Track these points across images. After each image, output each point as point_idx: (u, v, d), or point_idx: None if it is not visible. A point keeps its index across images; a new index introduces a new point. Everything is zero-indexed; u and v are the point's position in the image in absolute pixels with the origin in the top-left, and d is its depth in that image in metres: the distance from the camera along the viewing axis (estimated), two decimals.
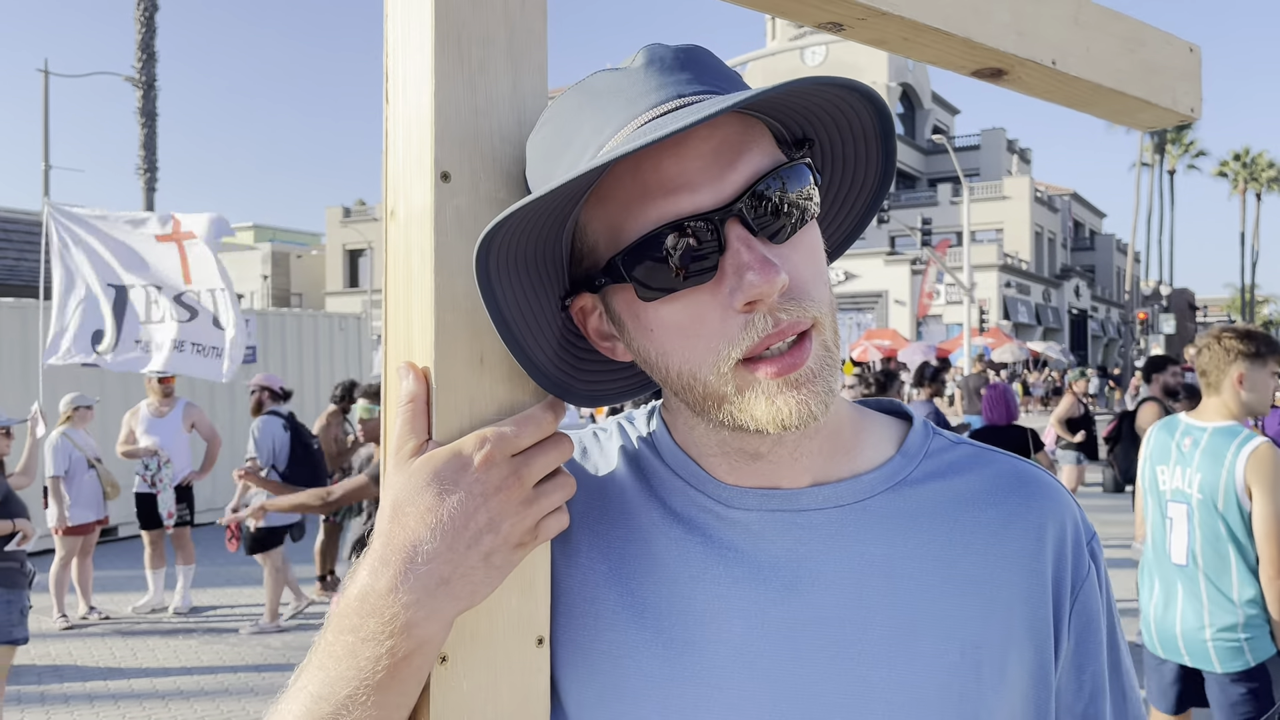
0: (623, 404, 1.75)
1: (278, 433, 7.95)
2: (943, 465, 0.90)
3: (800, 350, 0.75)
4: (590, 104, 0.76)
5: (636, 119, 0.74)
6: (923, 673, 0.80)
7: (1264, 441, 3.51)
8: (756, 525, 0.85)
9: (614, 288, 0.80)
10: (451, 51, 0.80)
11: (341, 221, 54.41)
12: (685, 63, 0.77)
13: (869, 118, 0.82)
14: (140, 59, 24.81)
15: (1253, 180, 71.78)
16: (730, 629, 0.82)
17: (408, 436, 0.78)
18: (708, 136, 0.74)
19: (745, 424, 0.77)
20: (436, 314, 0.80)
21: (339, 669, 0.75)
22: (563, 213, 0.78)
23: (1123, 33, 1.08)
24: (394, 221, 0.85)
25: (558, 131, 0.77)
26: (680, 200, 0.74)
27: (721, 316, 0.74)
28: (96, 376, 11.38)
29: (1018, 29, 0.98)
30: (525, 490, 0.77)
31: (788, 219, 0.76)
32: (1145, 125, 1.18)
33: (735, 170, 0.74)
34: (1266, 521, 3.41)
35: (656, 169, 0.74)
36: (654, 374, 0.83)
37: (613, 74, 0.77)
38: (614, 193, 0.76)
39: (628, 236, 0.76)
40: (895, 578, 0.83)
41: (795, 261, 0.76)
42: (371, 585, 0.74)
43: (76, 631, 7.95)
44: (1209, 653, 3.61)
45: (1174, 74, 1.13)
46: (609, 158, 0.67)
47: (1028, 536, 0.86)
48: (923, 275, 38.95)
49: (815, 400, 0.75)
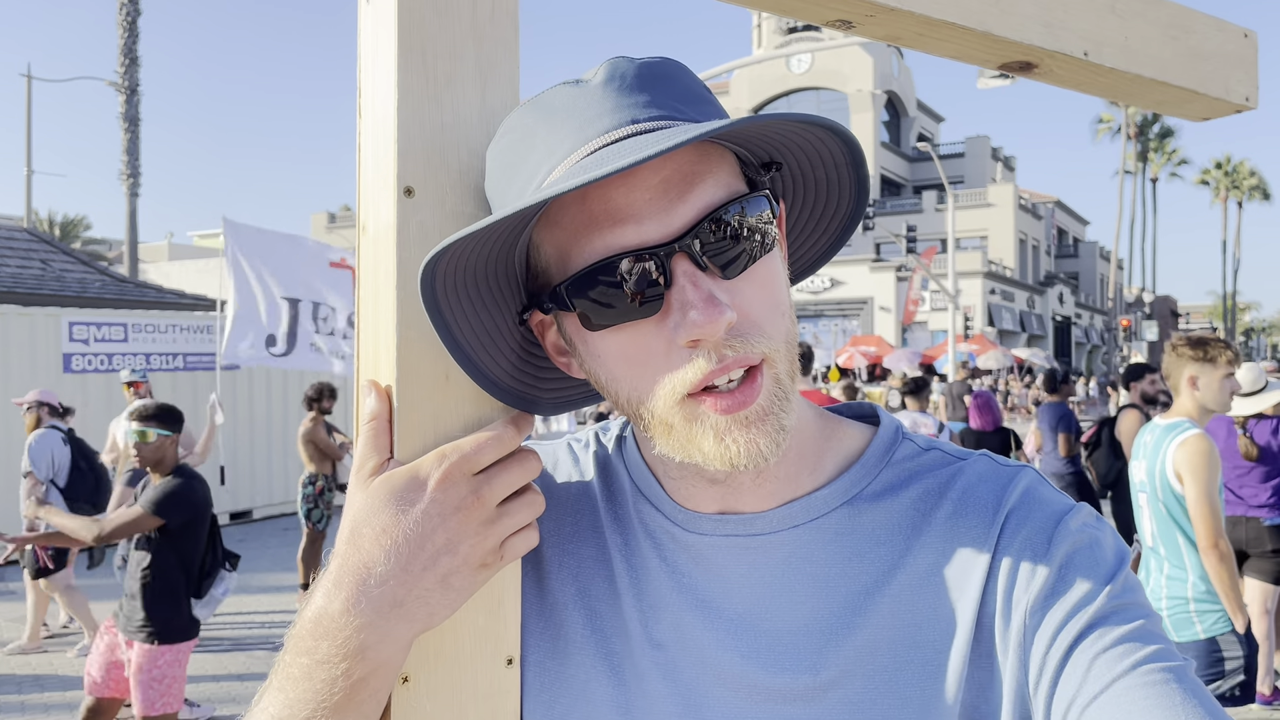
0: None
1: (57, 447, 7.76)
2: (905, 474, 0.86)
3: (750, 387, 0.73)
4: (545, 122, 0.74)
5: (588, 143, 0.72)
6: (883, 688, 0.79)
7: (1194, 433, 3.92)
8: (709, 551, 0.84)
9: (563, 313, 0.78)
10: (416, 65, 0.80)
11: (326, 227, 54.25)
12: (647, 82, 0.75)
13: (837, 147, 0.79)
14: (123, 64, 24.66)
15: (1234, 188, 72.31)
16: (683, 662, 0.82)
17: (369, 456, 0.77)
18: (658, 168, 0.72)
19: (694, 458, 0.75)
20: (399, 331, 0.79)
21: (297, 691, 0.74)
22: (513, 235, 0.77)
23: (1166, 20, 1.02)
24: (365, 236, 0.84)
25: (512, 148, 0.76)
26: (626, 232, 0.71)
27: (666, 350, 0.72)
28: (79, 383, 11.32)
29: (1045, 20, 0.93)
30: (486, 510, 0.76)
31: (742, 251, 0.73)
32: (1196, 116, 1.12)
33: (685, 203, 0.72)
34: (1196, 503, 3.85)
35: (604, 199, 0.72)
36: (606, 396, 0.81)
37: (571, 90, 0.75)
38: (562, 218, 0.74)
39: (574, 265, 0.74)
40: (852, 596, 0.81)
41: (747, 296, 0.74)
42: (325, 608, 0.73)
43: (57, 640, 7.87)
44: (1165, 623, 3.83)
45: (1226, 61, 1.06)
46: (550, 193, 0.65)
47: (991, 543, 0.80)
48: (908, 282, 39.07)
49: (765, 439, 0.73)
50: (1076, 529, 0.79)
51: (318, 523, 8.83)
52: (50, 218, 48.07)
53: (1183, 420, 4.03)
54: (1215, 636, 3.90)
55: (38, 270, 17.31)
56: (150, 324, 12.36)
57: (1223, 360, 4.02)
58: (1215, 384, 4.02)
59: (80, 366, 11.56)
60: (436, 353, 0.80)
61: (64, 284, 17.06)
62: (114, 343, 11.92)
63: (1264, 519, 5.82)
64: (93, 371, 11.67)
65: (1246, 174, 71.95)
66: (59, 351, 11.39)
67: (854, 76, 49.66)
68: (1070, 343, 56.65)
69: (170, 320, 12.62)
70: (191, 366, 12.72)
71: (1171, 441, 3.97)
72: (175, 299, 18.94)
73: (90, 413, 10.80)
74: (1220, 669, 3.90)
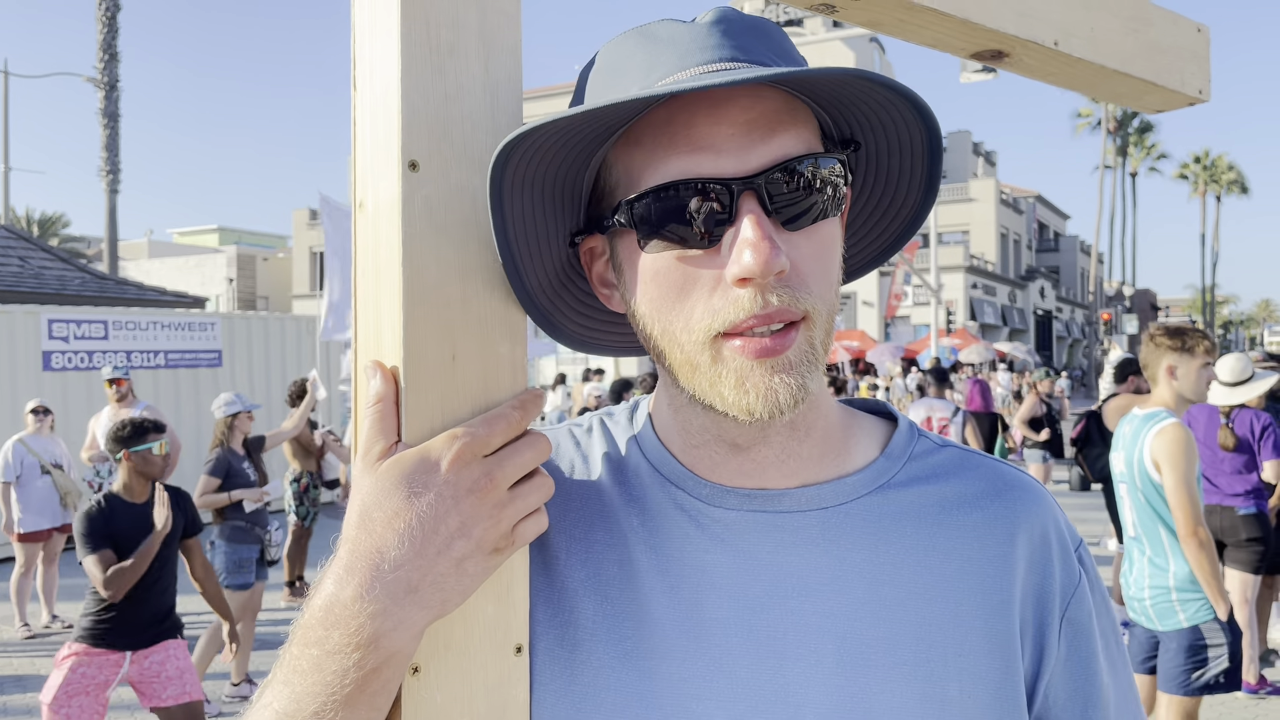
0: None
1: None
2: (927, 468, 0.88)
3: (784, 338, 0.73)
4: (645, 47, 0.76)
5: (686, 70, 0.73)
6: (904, 681, 0.78)
7: (1171, 422, 3.98)
8: (738, 525, 0.83)
9: (621, 231, 0.79)
10: (419, 35, 0.77)
11: (308, 224, 53.83)
12: (751, 30, 0.77)
13: (919, 134, 0.80)
14: (102, 59, 24.46)
15: (1213, 182, 72.84)
16: (709, 638, 0.80)
17: (375, 439, 0.74)
18: (748, 107, 0.73)
19: (713, 403, 0.76)
20: (405, 309, 0.76)
21: (304, 684, 0.71)
22: (592, 143, 0.77)
23: (1128, 13, 1.05)
24: (362, 213, 0.82)
25: (609, 66, 0.78)
26: (704, 161, 0.73)
27: (713, 285, 0.73)
28: (60, 381, 11.22)
29: (1019, 9, 0.96)
30: (499, 492, 0.73)
31: (808, 206, 0.74)
32: (1152, 108, 1.16)
33: (766, 146, 0.73)
34: (1174, 491, 3.89)
35: (689, 125, 0.73)
36: (639, 331, 0.81)
37: (676, 24, 0.77)
38: (643, 138, 0.75)
39: (645, 182, 0.75)
40: (877, 584, 0.81)
41: (804, 251, 0.75)
42: (336, 595, 0.71)
43: (39, 640, 7.81)
44: (1149, 611, 4.10)
45: (1181, 55, 1.10)
46: (646, 94, 0.66)
47: (1009, 542, 0.84)
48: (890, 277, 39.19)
49: (785, 391, 0.73)
50: (1089, 561, 0.89)
51: (304, 519, 8.78)
52: (28, 215, 47.64)
53: (1160, 410, 4.09)
54: (1198, 624, 3.95)
55: (16, 268, 17.15)
56: (131, 321, 12.26)
57: (1200, 350, 4.08)
58: (1193, 374, 4.08)
59: (60, 364, 11.46)
60: (443, 332, 0.78)
61: (43, 281, 16.92)
62: (94, 340, 11.82)
63: (1238, 508, 5.89)
64: (73, 369, 11.57)
65: (1225, 168, 72.49)
66: (38, 349, 11.29)
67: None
68: (1051, 337, 56.98)
69: (151, 317, 12.53)
70: (173, 364, 12.63)
71: (1149, 431, 4.04)
72: (157, 296, 18.82)
73: (70, 411, 10.70)
74: (1204, 656, 3.94)
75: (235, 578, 6.28)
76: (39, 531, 8.10)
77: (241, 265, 50.80)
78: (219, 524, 6.38)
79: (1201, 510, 3.92)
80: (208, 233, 69.35)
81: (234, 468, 6.44)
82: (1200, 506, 3.92)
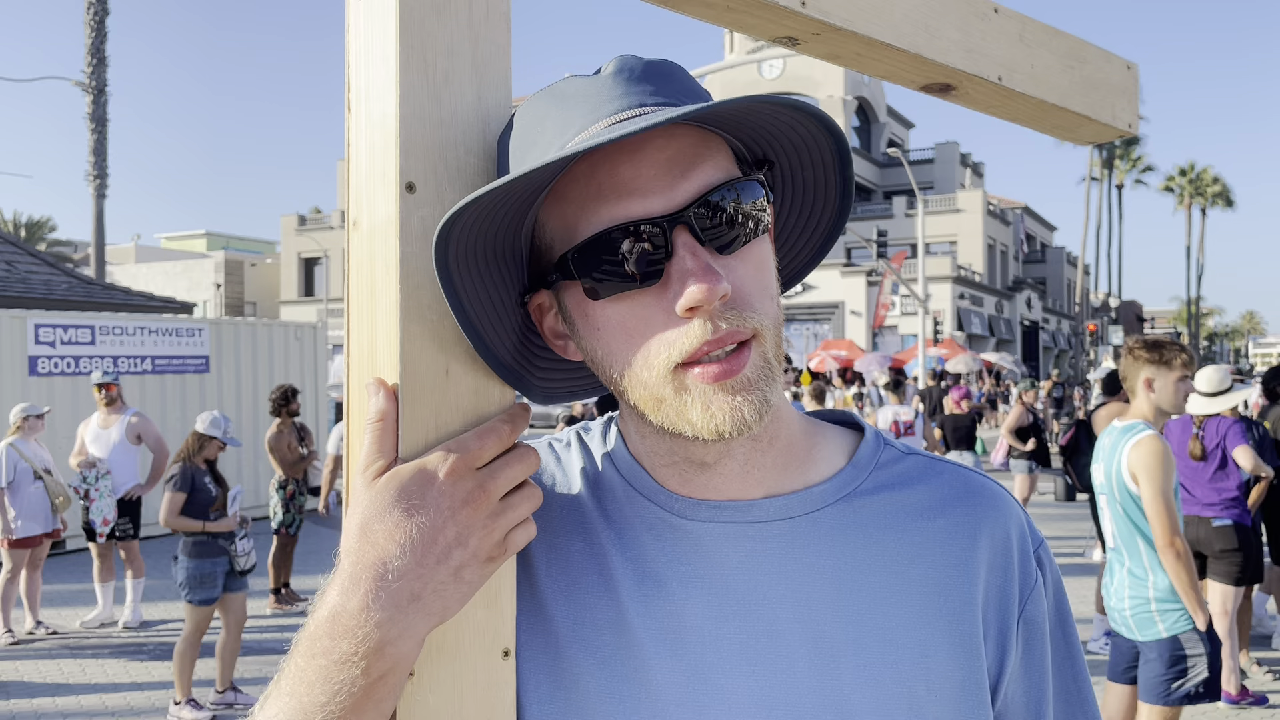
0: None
1: None
2: (893, 476, 0.91)
3: (738, 358, 0.77)
4: (557, 107, 0.79)
5: (598, 122, 0.76)
6: (874, 682, 0.82)
7: (1148, 434, 4.04)
8: (709, 537, 0.86)
9: (566, 285, 0.82)
10: (416, 63, 0.80)
11: (296, 230, 53.75)
12: (653, 75, 0.80)
13: (827, 146, 0.84)
14: (90, 63, 24.37)
15: (1198, 195, 73.34)
16: (685, 646, 0.83)
17: (375, 456, 0.78)
18: (664, 146, 0.77)
19: (683, 430, 0.79)
20: (402, 326, 0.79)
21: (312, 694, 0.74)
22: (522, 207, 0.80)
23: (1065, 50, 1.11)
24: (356, 232, 0.85)
25: (525, 131, 0.80)
26: (632, 204, 0.76)
27: (664, 320, 0.76)
28: (45, 386, 11.17)
29: (966, 46, 1.01)
30: (492, 503, 0.77)
31: (737, 231, 0.78)
32: (1086, 140, 1.21)
33: (688, 180, 0.77)
34: (1151, 503, 3.95)
35: (612, 172, 0.76)
36: (600, 374, 0.84)
37: (582, 80, 0.80)
38: (570, 192, 0.78)
39: (580, 234, 0.78)
40: (846, 590, 0.84)
41: (741, 273, 0.78)
42: (342, 605, 0.74)
43: (23, 647, 7.76)
44: (1129, 622, 4.16)
45: (1113, 90, 1.16)
46: (568, 152, 0.69)
47: (972, 546, 0.88)
48: (878, 287, 39.33)
49: (750, 408, 0.77)
50: (1048, 561, 0.93)
51: (289, 527, 8.76)
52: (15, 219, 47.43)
53: (1138, 422, 4.14)
54: (1177, 635, 4.00)
55: (2, 272, 17.08)
56: (118, 326, 12.22)
57: (1178, 363, 4.12)
58: (1170, 386, 4.12)
59: (46, 369, 11.41)
60: (437, 348, 0.81)
61: (29, 285, 16.84)
62: (81, 345, 11.77)
63: (1213, 519, 5.93)
64: (59, 374, 11.52)
65: (1210, 181, 73.01)
66: (25, 354, 11.24)
67: (825, 82, 49.89)
68: (1038, 347, 57.17)
69: (139, 323, 12.48)
70: (160, 369, 12.59)
71: (1127, 443, 4.09)
72: (144, 301, 18.74)
73: (57, 416, 10.65)
74: (1183, 667, 3.99)
75: (197, 593, 6.14)
76: (31, 537, 8.06)
77: (229, 271, 50.62)
78: (182, 537, 6.29)
79: (1179, 521, 3.97)
80: (195, 238, 69.10)
81: (198, 483, 6.37)
82: (1178, 518, 3.96)
